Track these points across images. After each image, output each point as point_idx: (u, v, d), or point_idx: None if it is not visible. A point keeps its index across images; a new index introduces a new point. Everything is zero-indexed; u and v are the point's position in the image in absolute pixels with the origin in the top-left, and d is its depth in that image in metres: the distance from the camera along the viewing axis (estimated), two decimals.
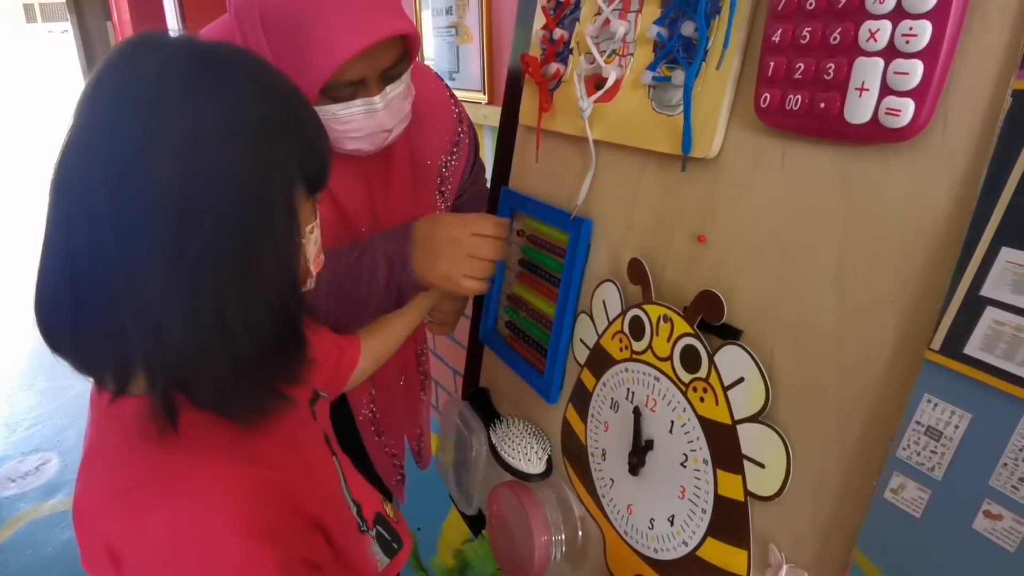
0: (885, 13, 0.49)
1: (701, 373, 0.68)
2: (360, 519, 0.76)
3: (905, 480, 0.52)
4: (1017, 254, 0.45)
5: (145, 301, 0.52)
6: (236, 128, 0.54)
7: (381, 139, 0.96)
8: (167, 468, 0.56)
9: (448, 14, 1.99)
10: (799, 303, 0.59)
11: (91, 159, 0.51)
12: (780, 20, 0.57)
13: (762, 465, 0.63)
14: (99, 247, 0.51)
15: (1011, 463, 0.46)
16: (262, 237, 0.56)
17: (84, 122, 0.53)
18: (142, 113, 0.51)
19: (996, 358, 0.47)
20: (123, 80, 0.53)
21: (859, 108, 0.51)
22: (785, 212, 0.60)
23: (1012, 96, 0.45)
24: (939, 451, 0.50)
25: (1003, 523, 0.47)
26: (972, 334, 0.47)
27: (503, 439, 0.99)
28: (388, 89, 0.91)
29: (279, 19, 0.82)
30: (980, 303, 0.47)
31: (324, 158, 0.64)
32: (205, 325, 0.54)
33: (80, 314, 0.54)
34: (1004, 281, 0.46)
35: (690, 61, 0.66)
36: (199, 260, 0.52)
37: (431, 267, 0.95)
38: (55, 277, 0.55)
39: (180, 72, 0.53)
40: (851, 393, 0.56)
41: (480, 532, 1.17)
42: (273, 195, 0.56)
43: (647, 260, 0.75)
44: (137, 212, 0.51)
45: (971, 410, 0.48)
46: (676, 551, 0.74)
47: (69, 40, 6.22)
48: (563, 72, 0.86)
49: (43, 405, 3.23)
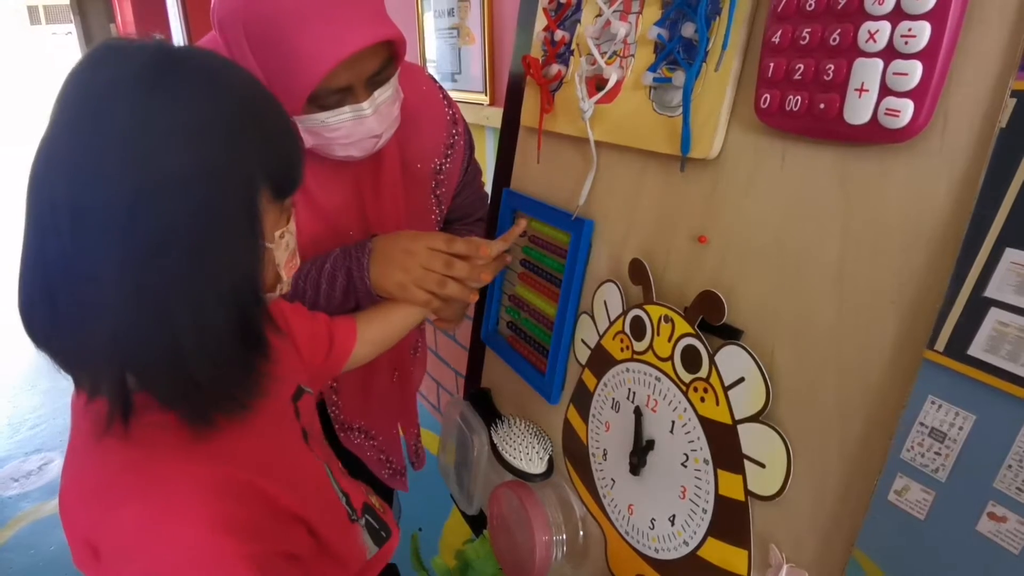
0: (884, 14, 0.49)
1: (702, 373, 0.68)
2: (350, 508, 0.77)
3: (909, 482, 0.52)
4: (1021, 255, 0.45)
5: (104, 302, 0.53)
6: (189, 130, 0.53)
7: (371, 144, 0.96)
8: (137, 466, 0.57)
9: (450, 16, 1.99)
10: (799, 303, 0.59)
11: (54, 160, 0.52)
12: (780, 21, 0.57)
13: (763, 465, 0.63)
14: (63, 247, 0.52)
15: (1016, 465, 0.46)
16: (215, 241, 0.55)
17: (51, 124, 0.53)
18: (98, 114, 0.52)
19: (1000, 359, 0.47)
20: (84, 83, 0.53)
21: (859, 109, 0.51)
22: (785, 213, 0.60)
23: (1015, 97, 0.45)
24: (943, 453, 0.50)
25: (1007, 525, 0.47)
26: (976, 335, 0.47)
27: (504, 439, 0.99)
28: (376, 94, 0.91)
29: (262, 31, 0.82)
30: (984, 304, 0.47)
31: (290, 162, 0.64)
32: (157, 328, 0.54)
33: (55, 313, 0.55)
34: (1008, 282, 0.46)
35: (690, 62, 0.66)
36: (150, 262, 0.52)
37: (387, 276, 0.98)
38: (31, 276, 0.55)
39: (136, 74, 0.53)
40: (851, 393, 0.56)
41: (482, 532, 1.18)
42: (228, 198, 0.56)
43: (648, 260, 0.75)
44: (93, 213, 0.51)
45: (975, 412, 0.48)
46: (677, 551, 0.74)
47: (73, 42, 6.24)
48: (564, 73, 0.87)
49: (46, 405, 3.24)
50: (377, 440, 1.32)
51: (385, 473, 1.35)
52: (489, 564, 1.12)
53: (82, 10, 5.90)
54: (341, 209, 1.06)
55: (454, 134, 1.18)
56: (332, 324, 0.95)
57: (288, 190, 0.65)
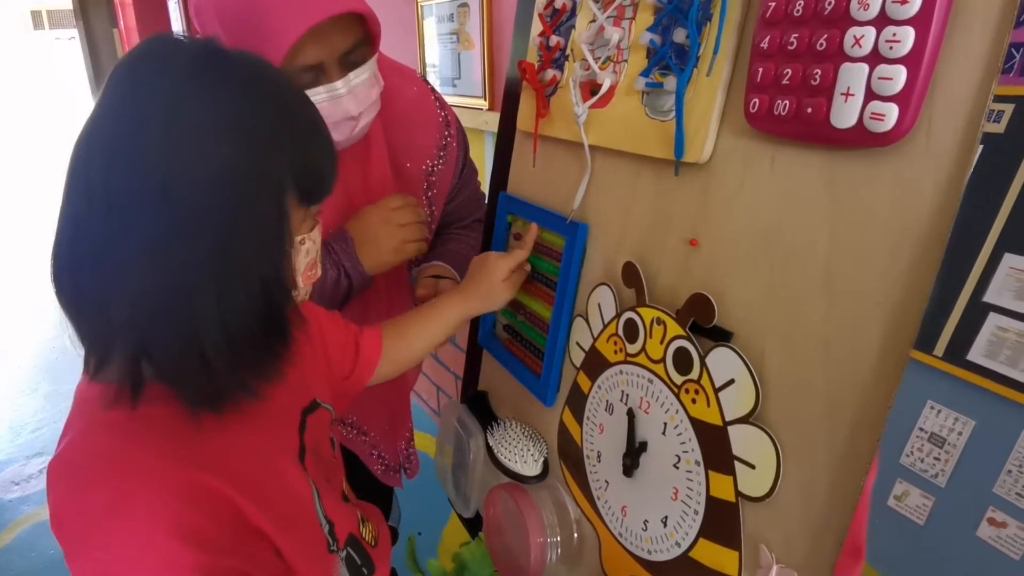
0: (869, 19, 0.50)
1: (693, 375, 0.68)
2: (331, 538, 0.75)
3: (909, 487, 0.52)
4: (1020, 260, 0.45)
5: (126, 278, 0.54)
6: (224, 126, 0.55)
7: (349, 128, 0.97)
8: (116, 455, 0.58)
9: (450, 21, 2.00)
10: (788, 305, 0.60)
11: (94, 143, 0.55)
12: (768, 27, 0.57)
13: (752, 466, 0.63)
14: (96, 231, 0.54)
15: (1015, 470, 0.46)
16: (245, 236, 0.57)
17: (96, 108, 0.56)
18: (140, 102, 0.54)
19: (1000, 364, 0.47)
20: (131, 71, 0.56)
21: (845, 113, 0.52)
22: (775, 216, 0.61)
23: (1013, 103, 0.45)
24: (942, 458, 0.50)
25: (1008, 531, 0.47)
26: (975, 340, 0.47)
27: (500, 442, 1.00)
28: (351, 75, 0.92)
29: (233, 10, 0.84)
30: (983, 309, 0.47)
31: (321, 169, 0.65)
32: (181, 315, 0.55)
33: (77, 285, 0.57)
34: (1007, 287, 0.46)
35: (682, 67, 0.67)
36: (180, 252, 0.54)
37: (378, 251, 1.04)
38: (62, 248, 0.57)
39: (182, 69, 0.55)
40: (839, 394, 0.56)
41: (478, 534, 1.18)
42: (257, 195, 0.58)
43: (641, 263, 0.76)
44: (129, 200, 0.53)
45: (974, 417, 0.48)
46: (669, 552, 0.75)
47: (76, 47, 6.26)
48: (559, 78, 0.87)
49: (47, 409, 3.24)
50: (369, 436, 1.32)
51: (379, 469, 1.35)
52: (485, 566, 1.12)
53: (85, 15, 5.92)
54: (330, 209, 1.07)
55: (447, 135, 1.18)
56: (360, 336, 0.93)
57: (316, 197, 0.66)
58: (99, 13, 5.95)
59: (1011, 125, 0.83)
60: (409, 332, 0.98)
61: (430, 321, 0.99)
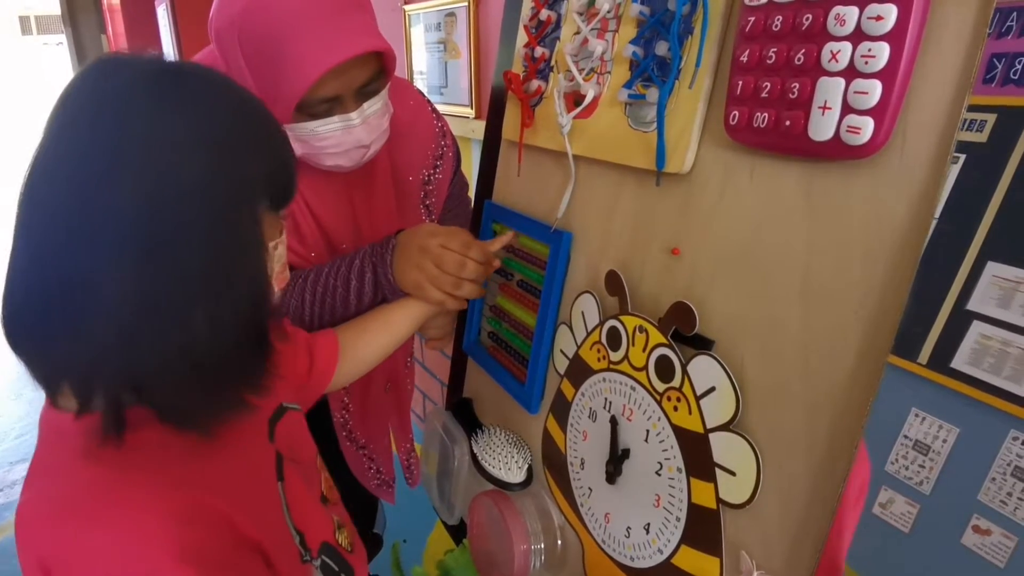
0: (846, 35, 0.51)
1: (675, 383, 0.69)
2: (303, 548, 0.74)
3: (894, 495, 0.52)
4: (1003, 268, 0.45)
5: (112, 310, 0.52)
6: (204, 139, 0.55)
7: (359, 155, 0.98)
8: (106, 487, 0.56)
9: (437, 30, 2.01)
10: (767, 314, 0.61)
11: (60, 170, 0.52)
12: (748, 41, 0.58)
13: (733, 473, 0.64)
14: (67, 257, 0.52)
15: (999, 477, 0.47)
16: (230, 247, 0.57)
17: (54, 135, 0.54)
18: (110, 124, 0.52)
19: (983, 372, 0.47)
20: (92, 94, 0.54)
21: (822, 126, 0.53)
22: (754, 225, 0.62)
23: (995, 112, 0.46)
24: (927, 465, 0.50)
25: (992, 538, 0.47)
26: (959, 348, 0.48)
27: (484, 449, 1.00)
28: (365, 105, 0.93)
29: (256, 38, 0.84)
30: (967, 317, 0.47)
31: (287, 173, 0.65)
32: (171, 334, 0.54)
33: (47, 324, 0.54)
34: (990, 295, 0.46)
35: (664, 80, 0.68)
36: (166, 269, 0.53)
37: (405, 273, 0.96)
38: (22, 286, 0.55)
39: (148, 85, 0.54)
40: (817, 401, 0.57)
41: (462, 541, 1.18)
42: (240, 206, 0.57)
43: (624, 272, 0.76)
44: (105, 222, 0.51)
45: (959, 424, 0.49)
46: (652, 559, 0.75)
47: (64, 52, 6.22)
48: (544, 89, 0.88)
49: (31, 415, 3.21)
50: (367, 449, 1.33)
51: (373, 483, 1.36)
52: (469, 573, 1.12)
53: (73, 21, 5.89)
54: (335, 220, 1.08)
55: (443, 146, 1.20)
56: (311, 340, 0.95)
57: (284, 201, 0.66)
58: (87, 19, 5.93)
59: (993, 135, 0.83)
60: (369, 328, 1.00)
61: (391, 314, 1.01)
